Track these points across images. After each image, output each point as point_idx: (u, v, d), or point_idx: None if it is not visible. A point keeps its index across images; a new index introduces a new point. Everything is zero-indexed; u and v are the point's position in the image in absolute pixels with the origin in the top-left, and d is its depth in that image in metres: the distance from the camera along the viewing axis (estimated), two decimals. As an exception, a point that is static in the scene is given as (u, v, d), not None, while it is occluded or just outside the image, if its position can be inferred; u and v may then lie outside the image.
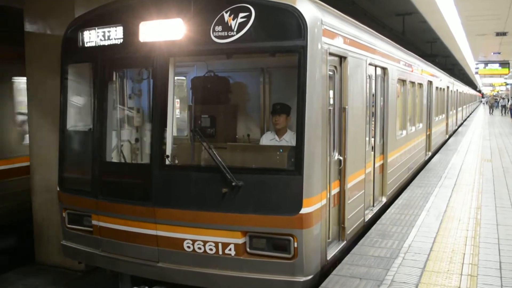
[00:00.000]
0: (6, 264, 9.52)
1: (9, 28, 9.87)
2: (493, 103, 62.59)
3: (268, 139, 6.88)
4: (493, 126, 33.58)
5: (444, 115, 21.13)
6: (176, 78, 6.84)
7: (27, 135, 9.70)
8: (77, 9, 8.02)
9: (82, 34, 6.48)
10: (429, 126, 16.03)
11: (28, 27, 8.90)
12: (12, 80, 10.53)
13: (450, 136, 23.74)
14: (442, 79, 20.50)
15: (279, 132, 6.78)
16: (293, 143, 5.88)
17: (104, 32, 6.27)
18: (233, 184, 5.40)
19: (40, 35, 8.70)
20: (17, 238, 10.54)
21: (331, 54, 5.92)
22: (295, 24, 5.31)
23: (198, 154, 6.47)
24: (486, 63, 35.50)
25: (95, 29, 6.35)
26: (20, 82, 10.32)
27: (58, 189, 6.85)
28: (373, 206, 8.45)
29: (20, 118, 10.61)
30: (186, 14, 5.68)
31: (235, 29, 5.45)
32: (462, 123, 34.81)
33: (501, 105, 57.18)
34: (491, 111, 57.28)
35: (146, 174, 5.95)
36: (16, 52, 9.52)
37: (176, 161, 6.18)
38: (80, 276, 8.60)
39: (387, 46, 9.58)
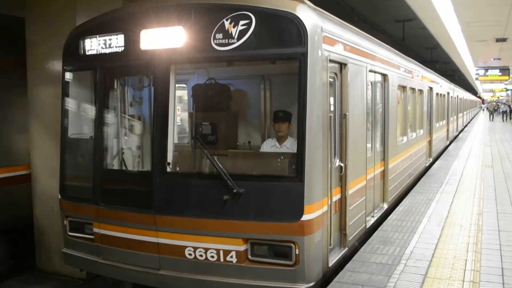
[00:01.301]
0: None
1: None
2: (493, 109, 60.87)
3: (269, 145, 6.89)
4: (494, 132, 33.57)
5: (444, 121, 21.14)
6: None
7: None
8: (78, 17, 8.06)
9: (83, 42, 6.50)
10: (430, 132, 16.03)
11: (30, 35, 8.94)
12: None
13: (451, 142, 23.74)
14: (443, 85, 20.53)
15: (280, 139, 6.79)
16: (294, 149, 5.89)
17: (105, 40, 6.29)
18: (234, 191, 5.40)
19: (41, 43, 8.73)
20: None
21: (331, 61, 5.94)
22: (295, 31, 5.33)
23: (199, 161, 6.47)
24: (486, 69, 35.54)
25: (96, 37, 6.37)
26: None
27: (59, 196, 6.85)
28: (375, 212, 8.44)
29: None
30: (187, 22, 5.70)
31: (235, 37, 5.47)
32: (463, 129, 34.82)
33: (502, 111, 56.49)
34: (491, 118, 56.06)
35: (147, 182, 5.95)
36: None
37: (177, 169, 6.19)
38: (81, 283, 8.58)
39: (387, 52, 9.60)
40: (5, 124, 9.37)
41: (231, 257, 5.47)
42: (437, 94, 17.70)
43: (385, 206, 9.12)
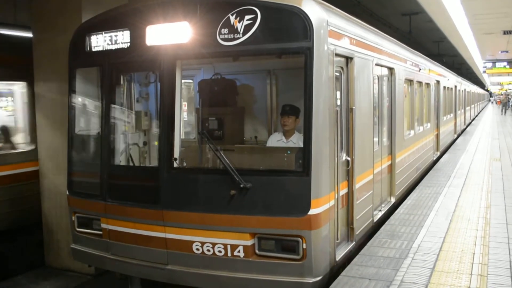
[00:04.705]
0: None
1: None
2: (506, 102, 56.96)
3: (275, 139, 6.88)
4: (502, 125, 33.37)
5: (452, 115, 21.04)
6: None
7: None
8: (84, 14, 8.08)
9: (89, 39, 6.51)
10: (437, 126, 15.96)
11: (36, 32, 8.97)
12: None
13: (458, 136, 23.63)
14: (450, 79, 20.42)
15: (287, 134, 6.78)
16: (300, 144, 5.88)
17: (111, 36, 6.30)
18: (241, 186, 5.41)
19: (47, 40, 8.76)
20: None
21: (337, 55, 5.92)
22: (301, 26, 5.31)
23: (206, 156, 6.49)
24: (494, 61, 35.34)
25: (102, 33, 6.38)
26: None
27: (67, 193, 6.89)
28: (382, 206, 8.42)
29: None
30: (192, 17, 5.70)
31: (241, 32, 5.46)
32: (470, 123, 34.64)
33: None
34: (503, 112, 52.63)
35: (154, 177, 5.97)
36: None
37: (184, 164, 6.20)
38: (89, 279, 8.64)
39: (393, 46, 9.55)
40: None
41: (239, 251, 5.49)
42: (444, 87, 17.61)
43: (393, 200, 9.10)
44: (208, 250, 5.61)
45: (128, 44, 6.17)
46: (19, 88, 10.35)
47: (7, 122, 10.89)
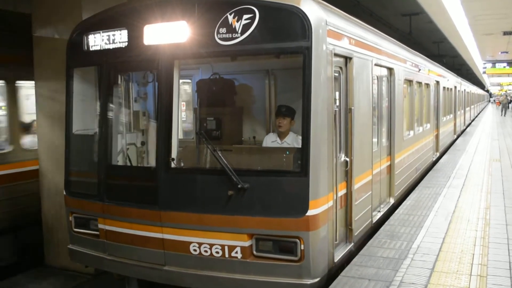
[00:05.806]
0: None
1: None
2: (506, 103, 55.12)
3: (270, 140, 6.84)
4: (502, 126, 33.35)
5: (452, 115, 21.02)
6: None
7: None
8: (84, 13, 8.06)
9: (87, 38, 6.49)
10: (436, 127, 15.94)
11: (36, 31, 8.95)
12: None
13: (458, 136, 23.61)
14: (450, 79, 20.40)
15: (282, 135, 6.73)
16: (295, 145, 5.85)
17: (109, 35, 6.28)
18: (239, 186, 5.38)
19: (48, 39, 8.75)
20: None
21: (336, 55, 5.89)
22: (299, 25, 5.29)
23: (203, 156, 6.46)
24: (494, 62, 35.37)
25: (100, 32, 6.36)
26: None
27: (64, 193, 6.86)
28: (381, 207, 8.39)
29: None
30: (190, 16, 5.68)
31: (239, 31, 5.44)
32: (470, 123, 34.62)
33: None
34: (503, 113, 51.19)
35: (152, 177, 5.94)
36: None
37: (182, 164, 6.17)
38: (89, 279, 8.63)
39: (393, 46, 9.53)
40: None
41: (236, 252, 5.46)
42: (444, 88, 17.59)
43: (392, 200, 9.08)
44: (206, 251, 5.58)
45: (126, 43, 6.15)
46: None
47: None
